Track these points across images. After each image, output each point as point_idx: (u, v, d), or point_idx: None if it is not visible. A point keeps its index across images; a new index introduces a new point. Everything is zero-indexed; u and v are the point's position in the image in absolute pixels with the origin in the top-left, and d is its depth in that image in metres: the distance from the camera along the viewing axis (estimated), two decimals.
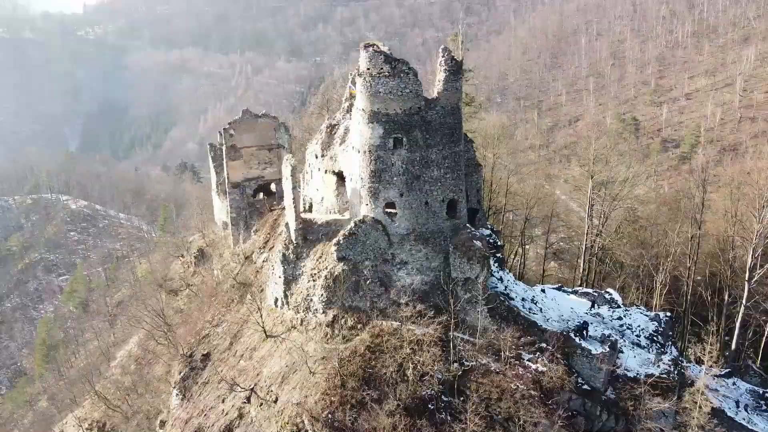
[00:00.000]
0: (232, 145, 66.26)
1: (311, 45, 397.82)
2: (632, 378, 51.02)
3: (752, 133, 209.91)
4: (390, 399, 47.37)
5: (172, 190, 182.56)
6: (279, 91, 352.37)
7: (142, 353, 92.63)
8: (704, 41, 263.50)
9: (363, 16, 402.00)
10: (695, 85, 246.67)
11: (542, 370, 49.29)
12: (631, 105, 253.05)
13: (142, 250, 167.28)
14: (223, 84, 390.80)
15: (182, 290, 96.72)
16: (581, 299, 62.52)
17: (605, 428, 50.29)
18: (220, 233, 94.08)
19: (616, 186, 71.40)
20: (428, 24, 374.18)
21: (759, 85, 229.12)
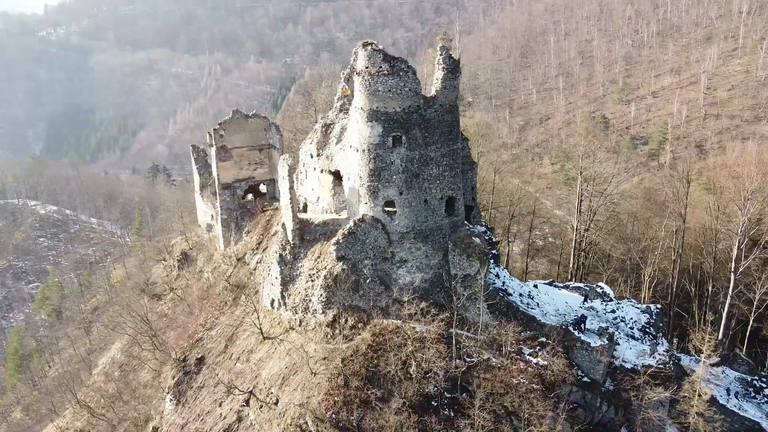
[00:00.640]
0: (222, 146, 65.43)
1: (281, 45, 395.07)
2: (630, 369, 52.09)
3: (717, 130, 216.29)
4: (396, 397, 47.47)
5: (146, 193, 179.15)
6: (249, 92, 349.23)
7: (127, 359, 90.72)
8: (669, 41, 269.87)
9: (333, 17, 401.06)
10: (661, 84, 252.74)
11: (543, 364, 49.98)
12: (600, 103, 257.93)
13: (116, 255, 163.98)
14: (192, 85, 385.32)
15: (166, 294, 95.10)
16: (572, 294, 63.52)
17: (605, 419, 51.25)
18: (204, 235, 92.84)
19: (604, 182, 72.61)
20: (398, 24, 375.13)
21: (722, 83, 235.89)
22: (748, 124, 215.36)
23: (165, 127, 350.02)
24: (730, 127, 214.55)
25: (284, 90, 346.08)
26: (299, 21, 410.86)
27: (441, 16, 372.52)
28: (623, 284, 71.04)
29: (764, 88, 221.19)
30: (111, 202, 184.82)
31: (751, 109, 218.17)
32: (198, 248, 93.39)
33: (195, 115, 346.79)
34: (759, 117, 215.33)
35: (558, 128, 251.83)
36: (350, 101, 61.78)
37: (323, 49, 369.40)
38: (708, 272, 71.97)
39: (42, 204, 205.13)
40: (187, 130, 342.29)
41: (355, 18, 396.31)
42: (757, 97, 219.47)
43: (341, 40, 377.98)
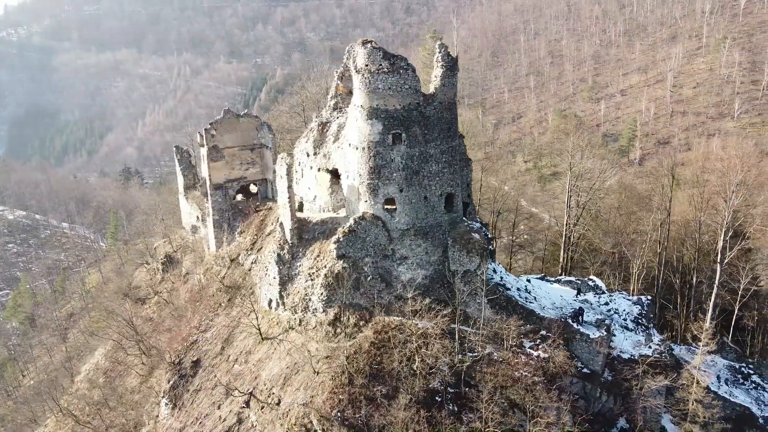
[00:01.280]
0: (214, 146, 64.64)
1: (251, 46, 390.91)
2: (628, 359, 53.28)
3: (683, 127, 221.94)
4: (402, 393, 47.67)
5: (119, 196, 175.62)
6: (220, 93, 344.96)
7: (112, 365, 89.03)
8: (635, 40, 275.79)
9: (303, 17, 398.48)
10: (629, 82, 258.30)
11: (544, 357, 50.78)
12: (570, 101, 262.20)
13: (90, 260, 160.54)
14: (161, 86, 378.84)
15: (150, 298, 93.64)
16: (564, 287, 64.62)
17: (604, 409, 52.33)
18: (189, 237, 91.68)
19: (591, 178, 73.98)
20: (369, 24, 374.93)
21: (687, 81, 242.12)
22: (712, 121, 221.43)
23: (134, 129, 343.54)
24: (696, 123, 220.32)
25: (255, 91, 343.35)
26: (269, 21, 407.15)
27: (412, 16, 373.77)
28: (611, 277, 72.54)
29: (727, 85, 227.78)
30: (83, 206, 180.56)
31: (715, 106, 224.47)
32: (183, 250, 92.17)
33: (165, 117, 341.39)
34: (723, 114, 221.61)
35: (530, 126, 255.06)
36: (344, 99, 61.87)
37: (294, 50, 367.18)
38: (691, 264, 73.88)
39: (10, 209, 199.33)
40: (157, 132, 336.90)
41: (326, 18, 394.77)
42: (721, 94, 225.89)
43: (312, 40, 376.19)
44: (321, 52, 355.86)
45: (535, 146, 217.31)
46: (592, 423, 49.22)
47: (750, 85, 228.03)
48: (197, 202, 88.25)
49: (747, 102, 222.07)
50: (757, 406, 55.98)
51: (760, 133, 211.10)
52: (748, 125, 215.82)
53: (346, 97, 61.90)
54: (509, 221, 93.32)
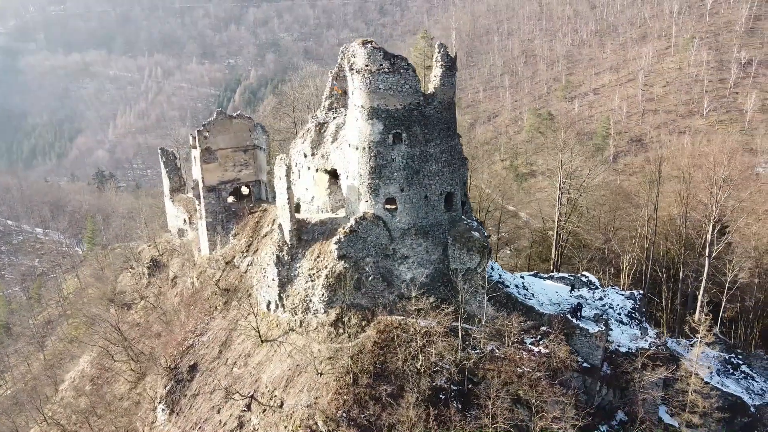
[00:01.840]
0: (207, 148, 63.89)
1: (224, 47, 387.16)
2: (625, 353, 54.35)
3: (655, 124, 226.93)
4: (409, 392, 47.87)
5: (95, 200, 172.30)
6: (193, 94, 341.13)
7: (98, 372, 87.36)
8: (607, 39, 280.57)
9: (276, 17, 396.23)
10: (601, 81, 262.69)
11: (545, 353, 51.48)
12: (545, 100, 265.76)
13: (67, 266, 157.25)
14: (132, 88, 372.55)
15: (136, 303, 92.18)
16: (558, 284, 65.57)
17: (604, 402, 53.29)
18: (175, 241, 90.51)
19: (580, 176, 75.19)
20: (343, 25, 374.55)
21: (657, 80, 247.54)
22: (683, 119, 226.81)
23: (105, 132, 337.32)
24: (667, 121, 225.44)
25: (229, 92, 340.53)
26: (242, 21, 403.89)
27: (385, 16, 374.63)
28: (600, 272, 73.83)
29: (696, 84, 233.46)
30: (57, 211, 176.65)
31: (685, 104, 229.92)
32: (169, 254, 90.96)
33: (136, 119, 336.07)
34: (693, 112, 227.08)
35: (506, 125, 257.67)
36: (338, 100, 61.81)
37: (268, 50, 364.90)
38: (676, 258, 75.55)
39: None
40: (129, 134, 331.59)
41: (299, 18, 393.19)
42: (690, 92, 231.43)
43: (286, 40, 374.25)
44: (295, 52, 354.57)
45: (511, 145, 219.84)
46: (593, 416, 50.03)
47: (718, 83, 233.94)
48: (184, 204, 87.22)
49: (715, 100, 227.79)
50: (748, 395, 57.55)
51: (728, 130, 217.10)
52: (717, 123, 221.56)
53: (341, 97, 61.88)
54: (494, 219, 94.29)
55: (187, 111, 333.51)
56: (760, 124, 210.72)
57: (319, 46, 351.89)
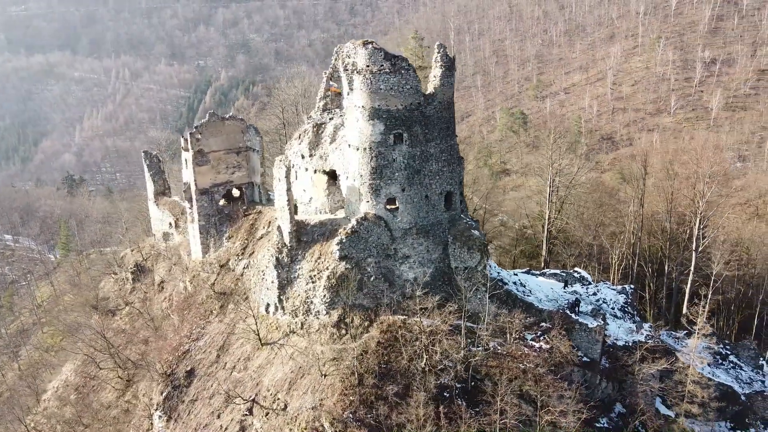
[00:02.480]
0: (199, 150, 63.05)
1: (193, 48, 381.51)
2: (623, 346, 55.51)
3: (624, 123, 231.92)
4: (415, 391, 48.11)
5: (67, 205, 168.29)
6: (162, 96, 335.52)
7: (83, 381, 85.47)
8: (576, 39, 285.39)
9: (246, 18, 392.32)
10: (571, 80, 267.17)
11: (546, 348, 52.26)
12: (517, 100, 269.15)
13: (40, 273, 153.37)
14: (98, 90, 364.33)
15: (121, 309, 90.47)
16: (550, 280, 66.57)
17: (603, 395, 54.31)
18: (160, 245, 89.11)
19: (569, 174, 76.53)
20: (314, 25, 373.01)
21: (626, 79, 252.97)
22: (651, 117, 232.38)
23: (71, 135, 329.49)
24: (636, 119, 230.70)
25: (200, 93, 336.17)
26: (211, 22, 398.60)
27: (356, 17, 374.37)
28: (590, 269, 75.16)
29: (663, 83, 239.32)
30: (28, 217, 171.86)
31: (653, 103, 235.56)
32: (154, 258, 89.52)
33: (104, 122, 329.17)
34: (660, 110, 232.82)
35: (479, 125, 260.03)
36: (333, 100, 61.75)
37: (238, 51, 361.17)
38: (658, 253, 77.39)
39: None
40: (97, 137, 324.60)
41: (269, 19, 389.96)
42: (658, 91, 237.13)
43: (256, 41, 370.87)
44: (266, 53, 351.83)
45: (484, 144, 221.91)
46: (594, 409, 50.93)
47: (683, 82, 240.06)
48: (169, 208, 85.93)
49: (682, 98, 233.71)
50: (738, 384, 59.27)
51: (694, 127, 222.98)
52: (684, 120, 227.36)
53: (335, 98, 61.84)
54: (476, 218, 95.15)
55: (157, 113, 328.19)
56: (725, 122, 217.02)
57: (290, 47, 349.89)
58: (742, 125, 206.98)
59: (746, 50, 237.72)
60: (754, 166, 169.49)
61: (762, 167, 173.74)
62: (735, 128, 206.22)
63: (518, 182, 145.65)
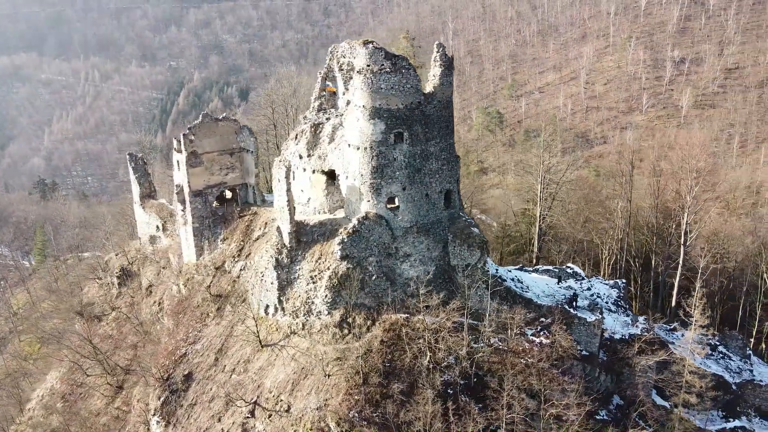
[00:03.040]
0: (193, 151, 62.32)
1: (164, 49, 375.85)
2: (620, 339, 56.57)
3: (598, 121, 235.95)
4: (421, 388, 48.39)
5: (42, 211, 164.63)
6: (134, 98, 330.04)
7: (70, 388, 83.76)
8: (549, 39, 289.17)
9: (218, 18, 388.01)
10: (546, 80, 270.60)
11: (546, 343, 53.00)
12: (492, 99, 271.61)
13: (14, 280, 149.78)
14: (67, 92, 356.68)
15: (107, 315, 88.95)
16: (543, 276, 67.49)
17: (602, 388, 55.28)
18: (146, 248, 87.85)
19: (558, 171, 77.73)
20: (287, 26, 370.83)
21: (598, 78, 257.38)
22: (623, 115, 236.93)
23: (39, 138, 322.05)
24: (609, 117, 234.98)
25: (173, 95, 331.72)
26: (182, 23, 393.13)
27: (330, 17, 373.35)
28: (579, 264, 76.41)
29: (634, 82, 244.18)
30: (1, 223, 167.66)
31: (625, 101, 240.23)
32: (141, 262, 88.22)
33: (74, 125, 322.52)
34: (632, 108, 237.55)
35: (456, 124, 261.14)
36: (328, 100, 61.67)
37: (211, 52, 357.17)
38: (644, 248, 78.98)
39: None
40: (66, 140, 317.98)
41: (242, 20, 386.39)
42: (629, 89, 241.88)
43: (229, 42, 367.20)
44: (240, 54, 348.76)
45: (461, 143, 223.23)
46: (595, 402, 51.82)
47: (654, 81, 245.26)
48: (156, 211, 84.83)
49: (653, 97, 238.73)
50: (728, 374, 60.88)
51: (665, 125, 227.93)
52: (655, 118, 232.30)
53: (330, 98, 61.77)
54: None
55: (129, 115, 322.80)
56: (695, 119, 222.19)
57: (263, 47, 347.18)
58: (711, 123, 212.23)
59: (713, 49, 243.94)
60: (724, 163, 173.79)
61: (731, 163, 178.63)
62: (704, 125, 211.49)
63: (495, 181, 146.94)
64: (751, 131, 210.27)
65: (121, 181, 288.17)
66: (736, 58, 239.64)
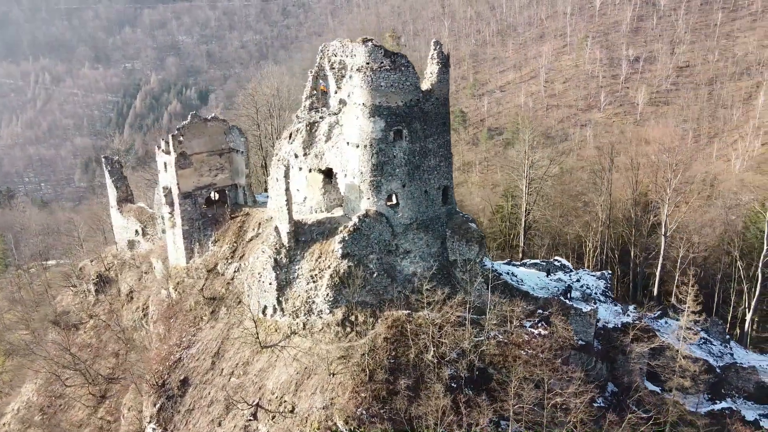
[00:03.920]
0: (182, 153, 61.05)
1: (119, 50, 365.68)
2: (613, 328, 58.21)
3: (559, 119, 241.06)
4: (431, 382, 48.80)
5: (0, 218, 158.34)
6: (88, 101, 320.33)
7: (48, 400, 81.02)
8: (508, 39, 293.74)
9: (174, 19, 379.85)
10: (506, 79, 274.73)
11: (545, 334, 54.15)
12: (455, 98, 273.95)
13: None
14: (16, 96, 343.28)
15: (84, 323, 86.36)
16: (530, 270, 68.81)
17: (599, 376, 56.77)
18: (125, 254, 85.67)
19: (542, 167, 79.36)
20: (246, 26, 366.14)
21: (557, 77, 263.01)
22: (583, 113, 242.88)
23: None
24: (569, 115, 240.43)
25: (129, 98, 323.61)
26: (137, 24, 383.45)
27: (289, 17, 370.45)
28: (564, 257, 78.15)
29: (592, 80, 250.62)
30: None
31: (583, 99, 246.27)
32: (119, 268, 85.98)
33: (25, 129, 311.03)
34: (591, 106, 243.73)
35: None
36: (319, 99, 61.47)
37: (167, 53, 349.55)
38: (627, 239, 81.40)
39: None
40: (17, 145, 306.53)
41: (199, 20, 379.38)
42: (588, 88, 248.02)
43: (186, 43, 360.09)
44: (197, 55, 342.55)
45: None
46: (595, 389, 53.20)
47: (611, 79, 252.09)
48: (135, 214, 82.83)
49: (610, 95, 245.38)
50: (713, 358, 63.29)
51: (623, 122, 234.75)
52: (613, 115, 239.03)
53: (322, 96, 61.55)
54: None
55: (83, 119, 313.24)
56: (650, 116, 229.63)
57: (222, 48, 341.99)
58: (666, 119, 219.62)
59: (665, 48, 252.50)
60: None
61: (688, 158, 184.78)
62: (660, 122, 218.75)
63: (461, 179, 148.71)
64: (704, 127, 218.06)
65: (77, 187, 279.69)
66: (686, 57, 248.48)
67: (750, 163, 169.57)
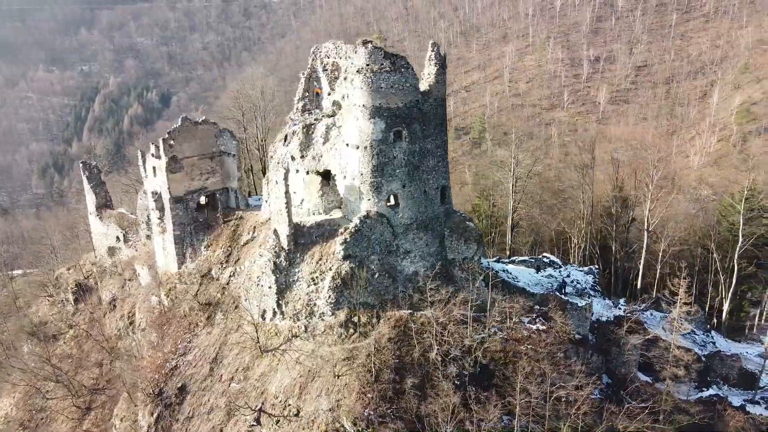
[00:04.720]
0: (173, 156, 59.95)
1: (75, 52, 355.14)
2: (606, 322, 59.72)
3: (523, 118, 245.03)
4: (439, 381, 49.21)
5: None
6: (44, 104, 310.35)
7: (28, 414, 78.41)
8: (472, 40, 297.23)
9: (133, 20, 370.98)
10: (471, 79, 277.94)
11: (543, 329, 55.25)
12: None
13: None
14: None
15: (64, 333, 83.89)
16: (520, 267, 70.08)
17: (595, 369, 58.13)
18: (105, 261, 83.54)
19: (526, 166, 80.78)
20: (207, 28, 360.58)
21: (521, 77, 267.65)
22: (546, 112, 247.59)
23: None
24: (533, 114, 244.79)
25: (86, 101, 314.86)
26: (93, 25, 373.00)
27: (251, 19, 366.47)
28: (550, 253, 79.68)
29: (555, 79, 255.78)
30: None
31: (547, 98, 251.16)
32: (99, 276, 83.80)
33: None
34: (554, 105, 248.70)
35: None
36: (311, 101, 61.35)
37: (126, 56, 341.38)
38: (608, 235, 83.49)
39: None
40: None
41: (159, 21, 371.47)
42: (551, 87, 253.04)
43: (145, 45, 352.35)
44: (158, 57, 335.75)
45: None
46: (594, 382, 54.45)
47: (573, 78, 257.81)
48: (116, 221, 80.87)
49: (572, 94, 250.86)
50: (697, 347, 65.51)
51: (585, 120, 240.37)
52: (576, 114, 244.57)
53: (314, 98, 61.46)
54: None
55: (39, 123, 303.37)
56: (612, 114, 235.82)
57: (183, 50, 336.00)
58: (626, 117, 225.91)
59: (624, 48, 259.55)
60: None
61: None
62: (621, 120, 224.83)
63: None
64: (662, 124, 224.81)
65: (34, 193, 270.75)
66: (644, 57, 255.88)
67: (707, 159, 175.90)
